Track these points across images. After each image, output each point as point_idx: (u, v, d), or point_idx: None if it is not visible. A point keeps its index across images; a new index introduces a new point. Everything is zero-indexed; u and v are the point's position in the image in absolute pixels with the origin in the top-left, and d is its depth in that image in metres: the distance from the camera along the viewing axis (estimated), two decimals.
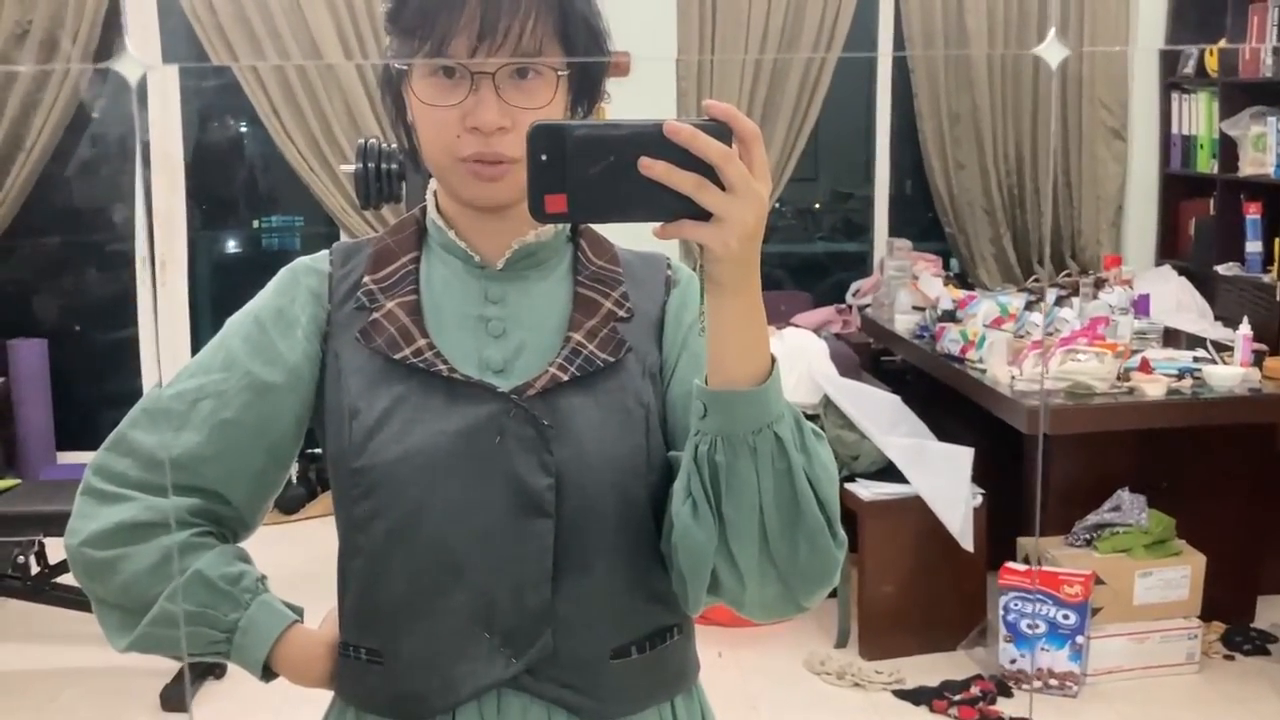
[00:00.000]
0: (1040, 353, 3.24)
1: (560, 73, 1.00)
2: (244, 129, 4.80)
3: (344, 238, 4.42)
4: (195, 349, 1.07)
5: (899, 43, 4.63)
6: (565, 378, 1.02)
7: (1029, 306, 3.73)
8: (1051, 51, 0.85)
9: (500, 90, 0.97)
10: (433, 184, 1.09)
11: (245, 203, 4.92)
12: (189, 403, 1.05)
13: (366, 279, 1.06)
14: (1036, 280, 4.60)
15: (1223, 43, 4.38)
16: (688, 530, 0.94)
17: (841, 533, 0.96)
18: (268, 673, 1.06)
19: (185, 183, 4.46)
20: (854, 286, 4.66)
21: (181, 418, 1.04)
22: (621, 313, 1.06)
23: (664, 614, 1.07)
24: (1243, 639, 3.26)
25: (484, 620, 1.01)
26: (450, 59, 0.96)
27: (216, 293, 4.71)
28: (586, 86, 1.04)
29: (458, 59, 0.96)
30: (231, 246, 4.92)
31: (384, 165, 3.09)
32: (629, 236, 0.94)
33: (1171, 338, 3.73)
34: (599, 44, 1.03)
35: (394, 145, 3.30)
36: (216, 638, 1.04)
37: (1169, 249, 4.78)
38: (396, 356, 1.02)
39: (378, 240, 1.09)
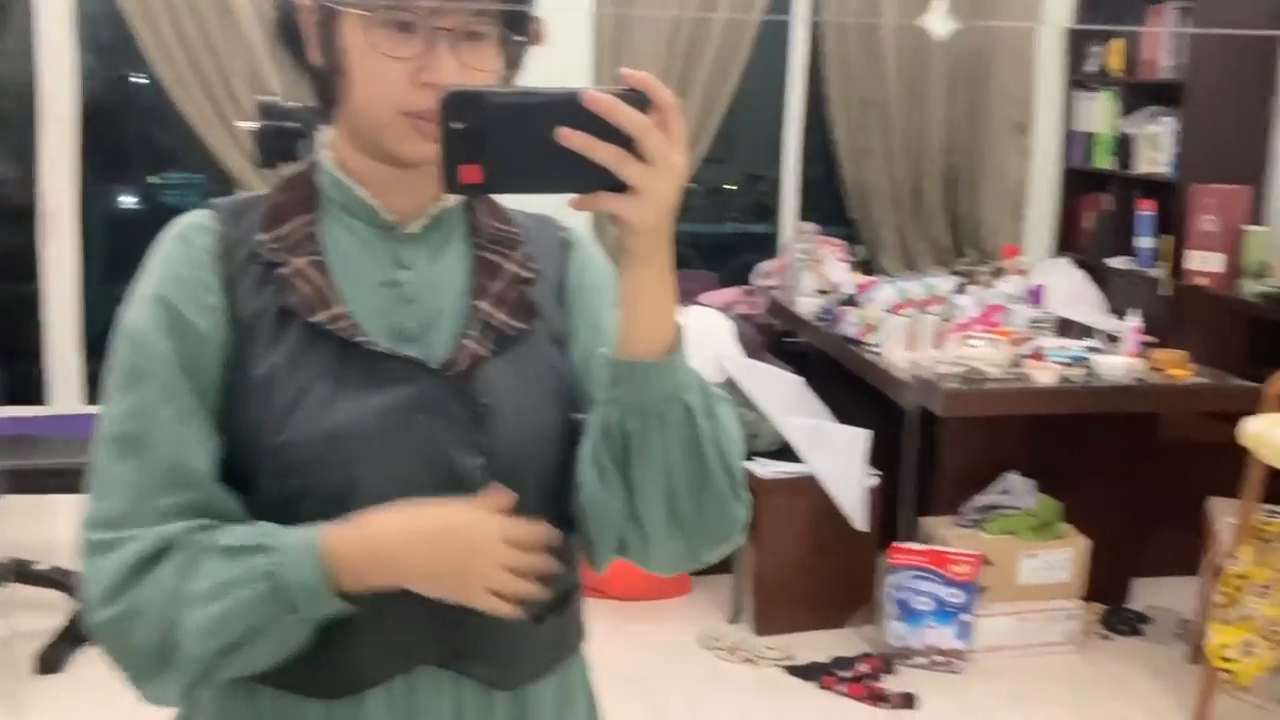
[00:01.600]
0: (939, 338, 3.30)
1: (518, 38, 0.98)
2: (143, 82, 4.63)
3: None
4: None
5: (815, 25, 4.66)
6: (485, 352, 0.99)
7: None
8: (936, 24, 0.86)
9: (455, 49, 0.94)
10: (325, 139, 1.03)
11: (142, 158, 4.76)
12: (146, 415, 0.94)
13: (264, 236, 0.99)
14: (950, 269, 4.68)
15: (1118, 43, 4.50)
16: (596, 497, 0.95)
17: (745, 492, 0.98)
18: (344, 596, 0.90)
19: (79, 135, 4.30)
20: (761, 268, 4.70)
21: (146, 434, 0.93)
22: (526, 274, 1.04)
23: (570, 574, 1.07)
24: (1119, 619, 3.37)
25: (407, 597, 0.97)
26: (409, 8, 0.92)
27: (112, 249, 4.55)
28: (516, 54, 1.01)
29: (420, 11, 0.92)
30: (127, 202, 4.77)
31: (284, 123, 3.01)
32: (524, 200, 0.93)
33: (1066, 327, 3.83)
34: (530, 14, 1.00)
35: (295, 102, 3.22)
36: (259, 591, 0.89)
37: (1067, 242, 4.91)
38: (314, 320, 0.96)
39: (268, 197, 1.03)
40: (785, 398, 3.48)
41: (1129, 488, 3.42)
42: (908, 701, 2.95)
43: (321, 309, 0.96)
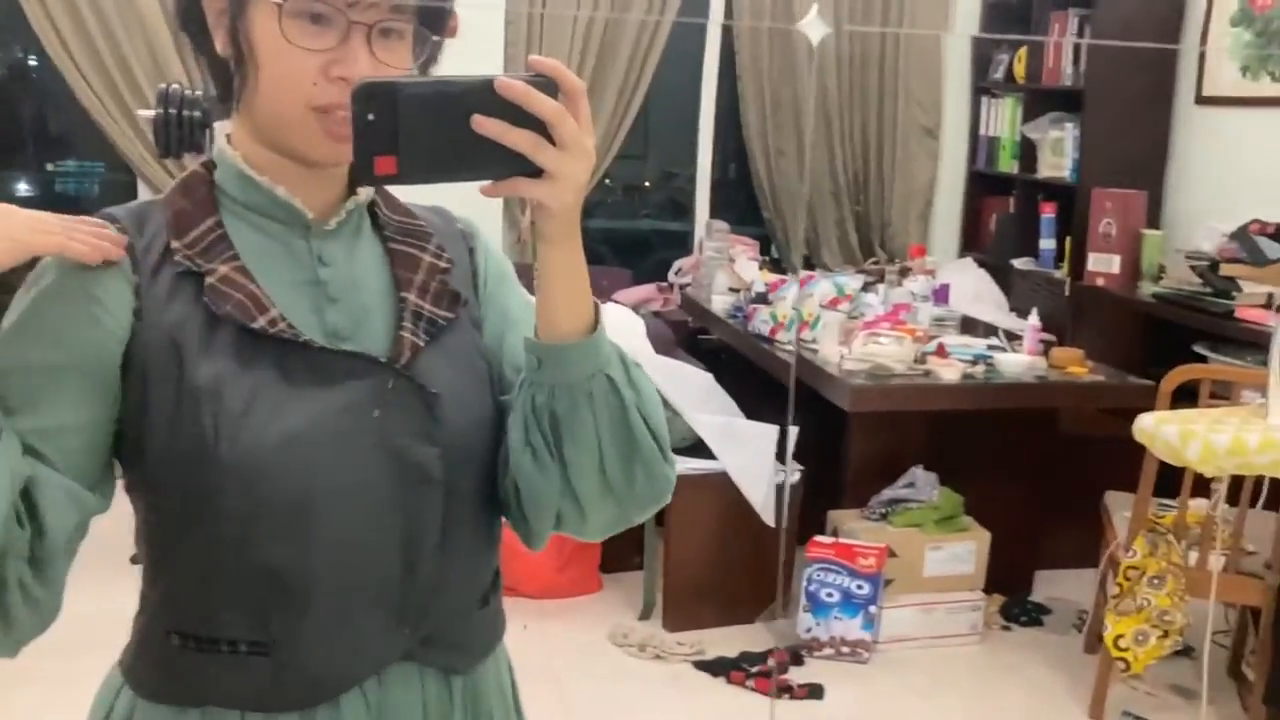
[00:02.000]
0: (847, 335, 3.33)
1: (435, 38, 0.97)
2: (33, 62, 4.47)
3: (142, 188, 4.19)
4: None
5: (729, 17, 4.69)
6: (422, 344, 0.99)
7: (867, 289, 3.85)
8: (813, 28, 0.88)
9: (370, 44, 0.92)
10: (222, 137, 1.00)
11: (38, 144, 4.60)
12: None
13: (176, 244, 0.95)
14: (858, 268, 4.75)
15: (1022, 52, 4.62)
16: (531, 479, 0.98)
17: (671, 454, 1.02)
18: None
19: None
20: (676, 265, 4.72)
21: None
22: (442, 263, 1.04)
23: (496, 556, 1.09)
24: (1020, 610, 3.45)
25: (376, 598, 0.98)
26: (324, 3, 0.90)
27: None
28: (432, 51, 0.99)
29: (335, 4, 0.90)
30: (22, 190, 4.60)
31: (186, 112, 2.93)
32: (440, 193, 0.92)
33: (969, 326, 3.91)
34: (448, 12, 0.99)
35: (198, 91, 3.14)
36: None
37: (972, 242, 5.02)
38: (255, 326, 0.93)
39: (169, 202, 0.99)
40: (696, 394, 3.49)
41: (1029, 482, 3.50)
42: (815, 692, 2.98)
43: (260, 313, 0.94)
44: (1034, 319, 3.54)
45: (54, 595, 0.90)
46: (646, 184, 5.29)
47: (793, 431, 3.30)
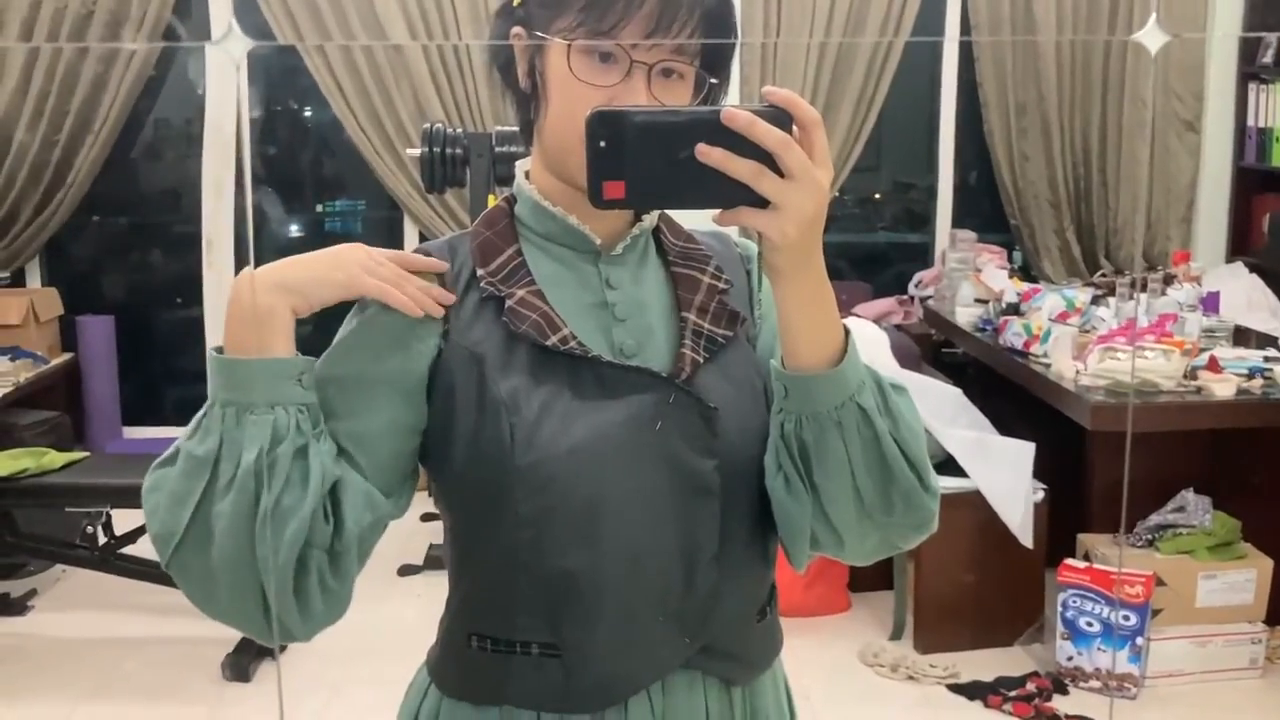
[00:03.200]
0: (1104, 348, 3.18)
1: (712, 81, 1.00)
2: (308, 113, 4.85)
3: (408, 222, 4.46)
4: None
5: (966, 31, 4.57)
6: (702, 360, 1.03)
7: (1095, 301, 3.68)
8: (1151, 38, 0.82)
9: (651, 83, 0.97)
10: (520, 175, 1.08)
11: (309, 186, 4.98)
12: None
13: (482, 271, 1.03)
14: (1103, 274, 4.52)
15: None
16: (784, 504, 1.00)
17: (933, 482, 1.00)
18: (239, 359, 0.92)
19: (250, 165, 4.53)
20: (916, 278, 4.62)
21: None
22: (721, 284, 1.08)
23: (773, 570, 1.11)
24: None
25: (659, 605, 1.02)
26: (616, 42, 0.96)
27: None
28: (711, 95, 1.03)
29: (630, 44, 0.96)
30: (295, 230, 4.99)
31: (448, 149, 3.11)
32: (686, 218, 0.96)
33: (1241, 336, 3.65)
34: (727, 58, 1.03)
35: (459, 129, 3.33)
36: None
37: (1241, 245, 4.67)
38: (548, 343, 1.00)
39: (475, 234, 1.07)
40: (945, 410, 3.41)
41: None
42: None
43: (553, 332, 1.01)
44: None
45: (345, 588, 0.97)
46: (877, 195, 5.20)
47: (1030, 448, 3.19)
